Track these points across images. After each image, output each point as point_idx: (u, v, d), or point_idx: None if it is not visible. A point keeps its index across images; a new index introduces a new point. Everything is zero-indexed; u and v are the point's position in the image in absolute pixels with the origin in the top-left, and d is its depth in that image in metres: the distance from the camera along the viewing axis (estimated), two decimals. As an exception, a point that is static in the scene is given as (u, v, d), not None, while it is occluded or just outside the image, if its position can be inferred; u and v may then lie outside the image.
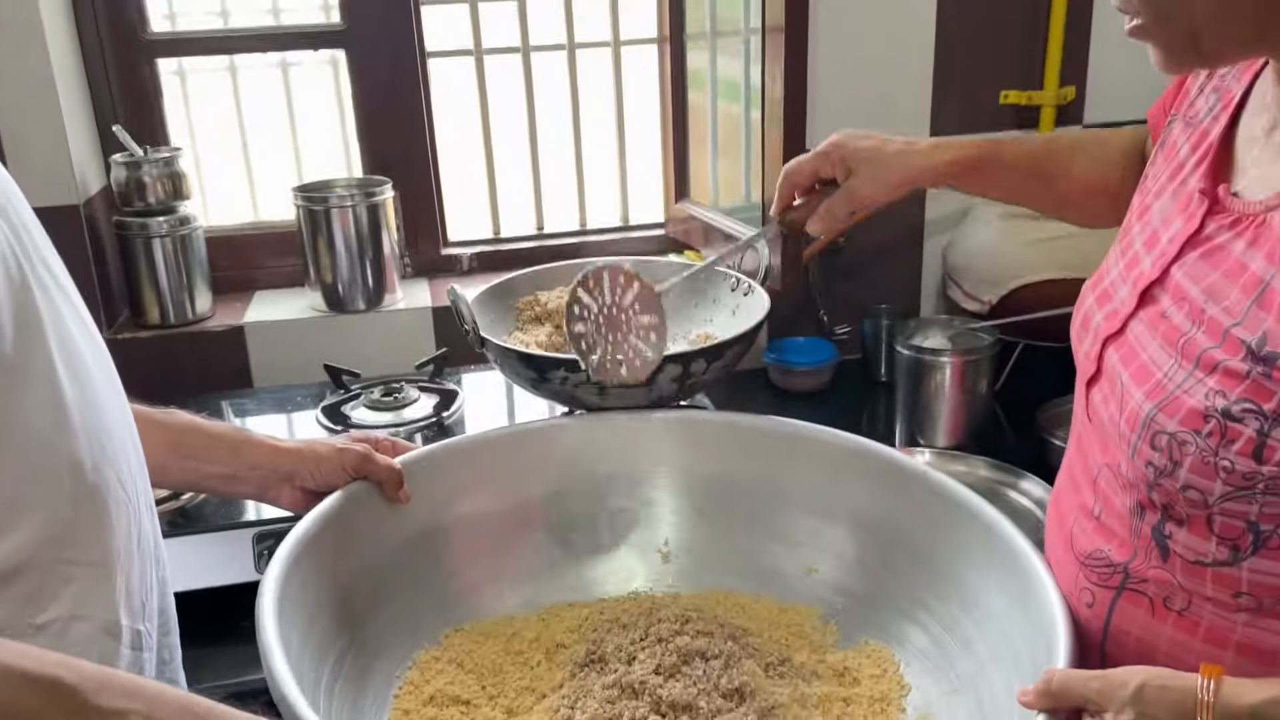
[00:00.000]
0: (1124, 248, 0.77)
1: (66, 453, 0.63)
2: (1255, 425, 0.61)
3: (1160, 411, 0.66)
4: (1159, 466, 0.66)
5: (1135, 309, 0.71)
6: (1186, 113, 0.77)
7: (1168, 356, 0.67)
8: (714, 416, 1.07)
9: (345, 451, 0.92)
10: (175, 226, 1.52)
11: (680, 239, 1.81)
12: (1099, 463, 0.74)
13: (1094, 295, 0.78)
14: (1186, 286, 0.68)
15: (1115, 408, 0.70)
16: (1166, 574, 0.69)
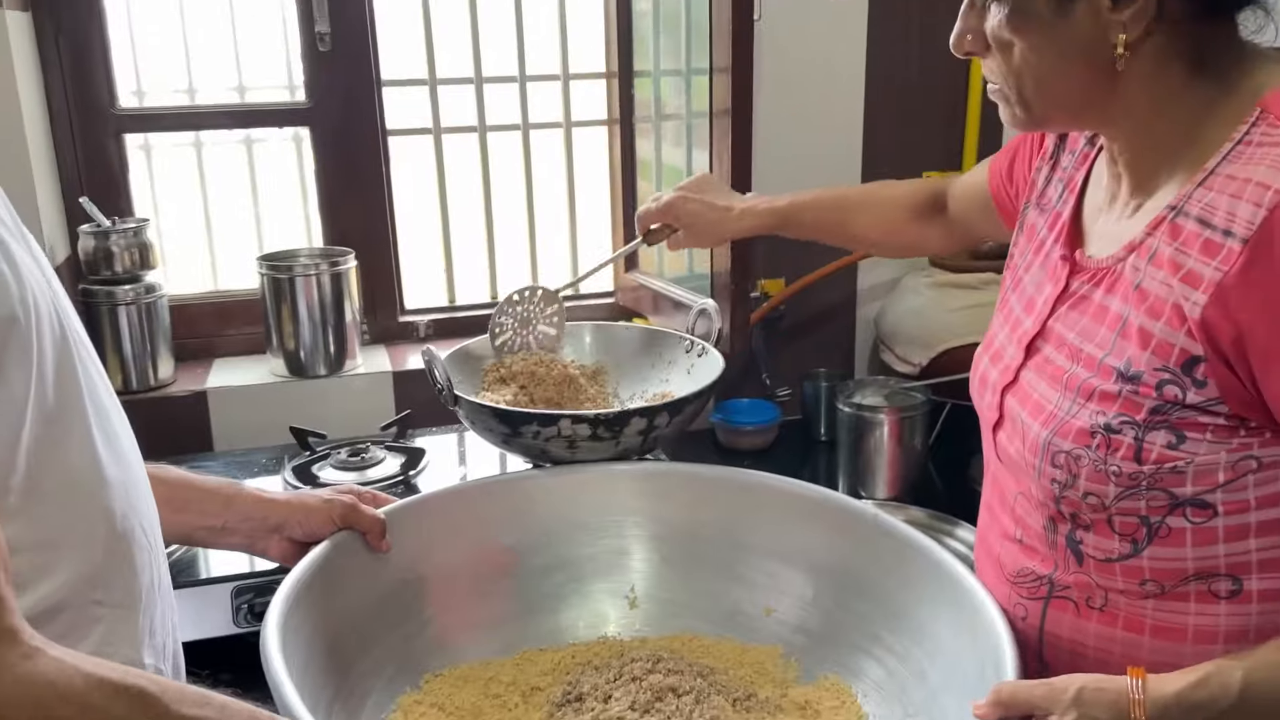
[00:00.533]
0: (1005, 315, 0.91)
1: (100, 500, 0.67)
2: (1132, 433, 0.73)
3: (1055, 435, 0.78)
4: (1061, 481, 0.78)
5: (1024, 360, 0.84)
6: (1039, 201, 0.92)
7: (1055, 392, 0.79)
8: (677, 467, 1.15)
9: (333, 502, 0.97)
10: (141, 295, 1.56)
11: (630, 306, 1.90)
12: (1013, 492, 0.85)
13: (987, 356, 0.91)
14: (1063, 333, 0.81)
15: (1019, 442, 0.82)
16: (1084, 576, 0.80)
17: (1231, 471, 0.72)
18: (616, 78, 1.85)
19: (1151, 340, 0.72)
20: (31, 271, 0.65)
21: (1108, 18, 0.72)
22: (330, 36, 1.65)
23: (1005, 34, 0.76)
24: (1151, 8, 0.71)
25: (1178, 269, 0.71)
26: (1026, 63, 0.76)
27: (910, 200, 1.17)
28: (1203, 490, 0.73)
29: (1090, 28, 0.72)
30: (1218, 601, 0.75)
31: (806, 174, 1.73)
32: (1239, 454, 0.71)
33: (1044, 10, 0.73)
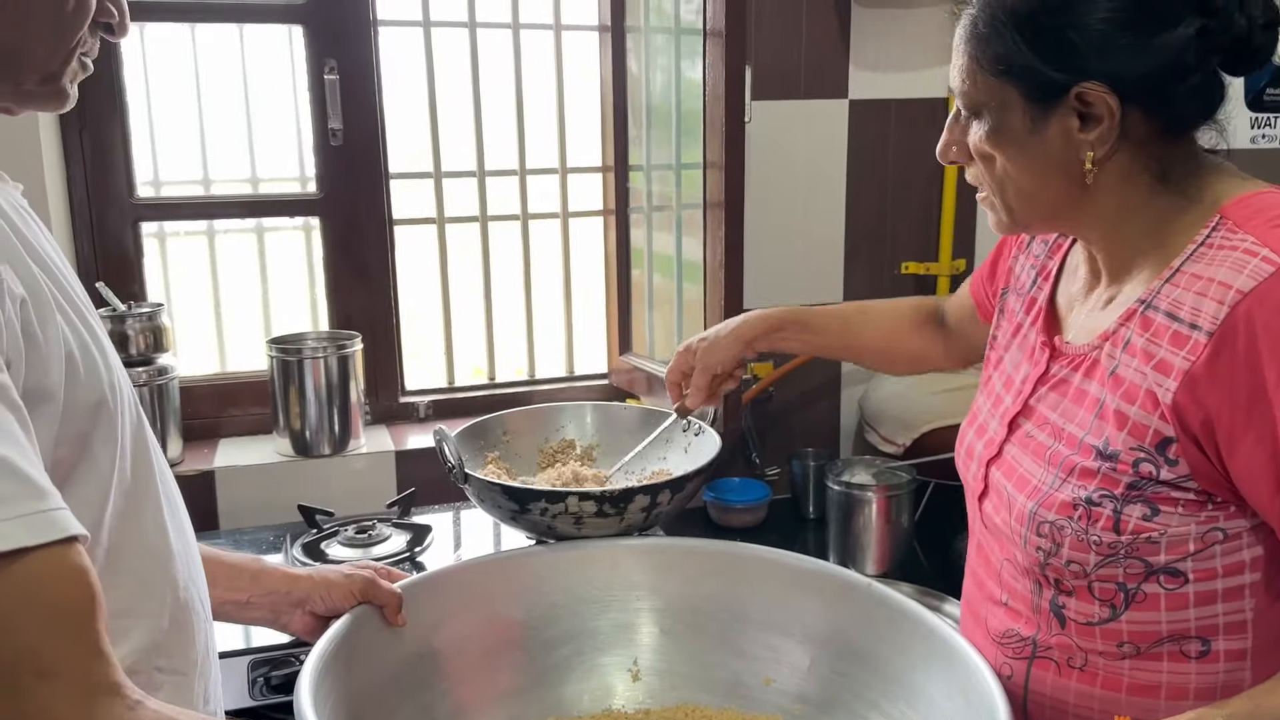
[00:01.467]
0: (988, 393, 0.99)
1: (168, 571, 0.72)
2: (1111, 506, 0.80)
3: (1040, 507, 0.85)
4: (1046, 549, 0.85)
5: (1007, 436, 0.91)
6: (1014, 286, 1.01)
7: (1039, 466, 0.87)
8: (678, 542, 1.20)
9: (353, 577, 1.01)
10: (154, 376, 1.61)
11: (624, 387, 1.97)
12: (999, 559, 0.92)
13: (972, 430, 0.99)
14: (1045, 413, 0.89)
15: (1005, 512, 0.89)
16: (1065, 638, 0.86)
17: (1200, 542, 0.79)
18: (612, 171, 1.96)
19: (1127, 422, 0.79)
20: (115, 359, 0.71)
21: (1077, 137, 0.80)
22: (342, 132, 1.74)
23: (986, 148, 0.84)
24: (1115, 129, 0.79)
25: (1150, 358, 0.78)
26: (1007, 174, 0.84)
27: (912, 312, 1.23)
28: (1175, 559, 0.79)
29: (1062, 145, 0.81)
30: (1188, 661, 0.81)
31: (792, 262, 1.84)
32: (1206, 526, 0.78)
33: (1020, 128, 0.82)
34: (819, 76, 1.79)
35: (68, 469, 0.63)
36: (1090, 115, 0.79)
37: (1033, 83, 0.80)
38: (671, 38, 1.73)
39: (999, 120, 0.83)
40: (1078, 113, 0.80)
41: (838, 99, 1.81)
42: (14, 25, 0.66)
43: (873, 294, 1.89)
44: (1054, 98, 0.80)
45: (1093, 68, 0.78)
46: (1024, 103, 0.81)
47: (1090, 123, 0.80)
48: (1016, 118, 0.82)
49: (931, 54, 1.81)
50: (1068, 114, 0.80)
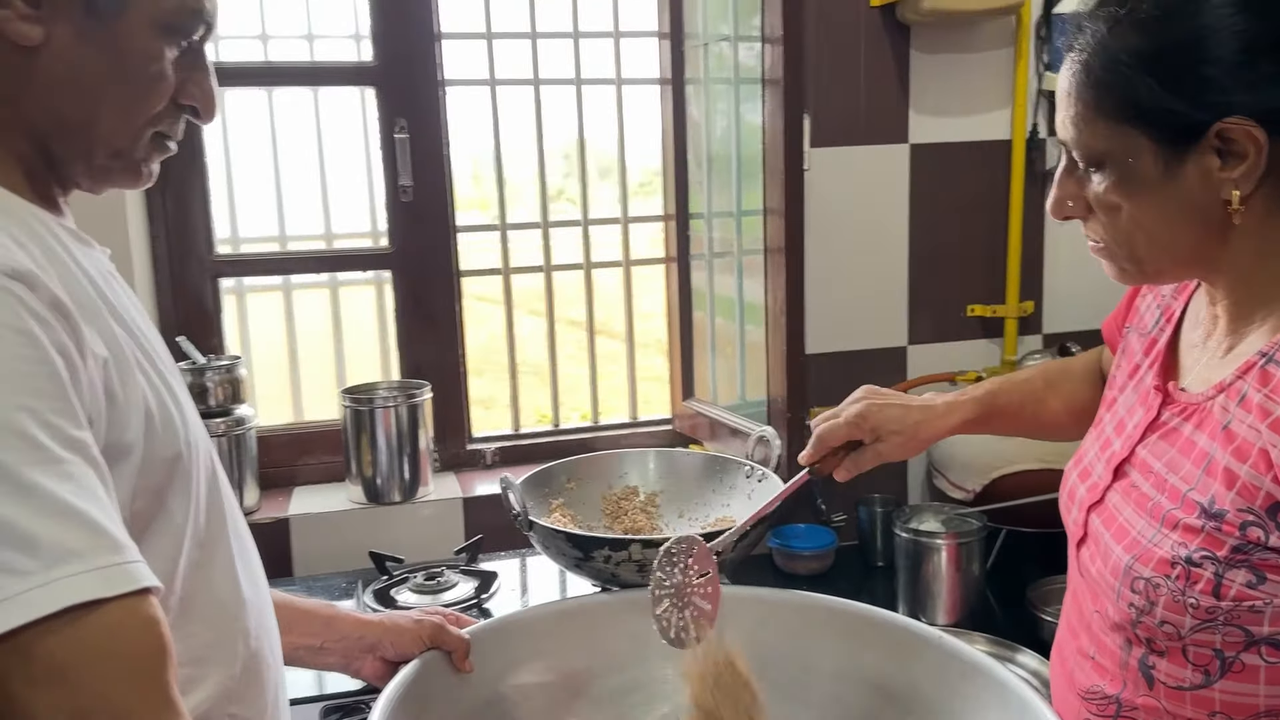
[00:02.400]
0: (1098, 434, 0.95)
1: (240, 620, 0.75)
2: (1212, 569, 0.76)
3: (1137, 561, 0.81)
4: (1139, 607, 0.80)
5: (1111, 482, 0.88)
6: (1138, 325, 0.97)
7: (1140, 518, 0.83)
8: (743, 591, 1.19)
9: (423, 623, 1.03)
10: (232, 427, 1.66)
11: (687, 433, 1.97)
12: (1090, 610, 0.89)
13: (1076, 472, 0.95)
14: (1151, 462, 0.85)
15: (1101, 562, 0.86)
16: (1153, 700, 0.82)
17: None
18: (674, 219, 1.98)
19: (1237, 481, 0.75)
20: (192, 413, 0.74)
21: (1218, 177, 0.75)
22: (412, 189, 1.80)
23: (1113, 198, 0.79)
24: (1263, 163, 0.74)
25: (1266, 415, 0.74)
26: (1136, 223, 0.79)
27: (1088, 372, 1.13)
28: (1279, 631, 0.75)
29: (1201, 187, 0.76)
30: None
31: (856, 306, 1.83)
32: None
33: (1152, 174, 0.77)
34: (879, 122, 1.79)
35: (144, 521, 0.66)
36: (1232, 152, 0.75)
37: (1167, 125, 0.76)
38: (731, 87, 1.76)
39: (1126, 168, 0.78)
40: (1217, 150, 0.75)
41: (898, 144, 1.81)
42: (86, 100, 0.70)
43: (938, 338, 1.87)
44: (1190, 139, 0.75)
45: (1235, 102, 0.73)
46: (1155, 147, 0.76)
47: (1232, 160, 0.75)
48: (1147, 163, 0.77)
49: (992, 97, 1.81)
50: (1206, 153, 0.75)
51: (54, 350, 0.58)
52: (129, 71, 0.71)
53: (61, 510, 0.54)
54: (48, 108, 0.69)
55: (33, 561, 0.53)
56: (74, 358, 0.60)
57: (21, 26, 0.66)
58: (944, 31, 1.77)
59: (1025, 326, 1.89)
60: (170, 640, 0.57)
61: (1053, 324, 1.90)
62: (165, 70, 0.72)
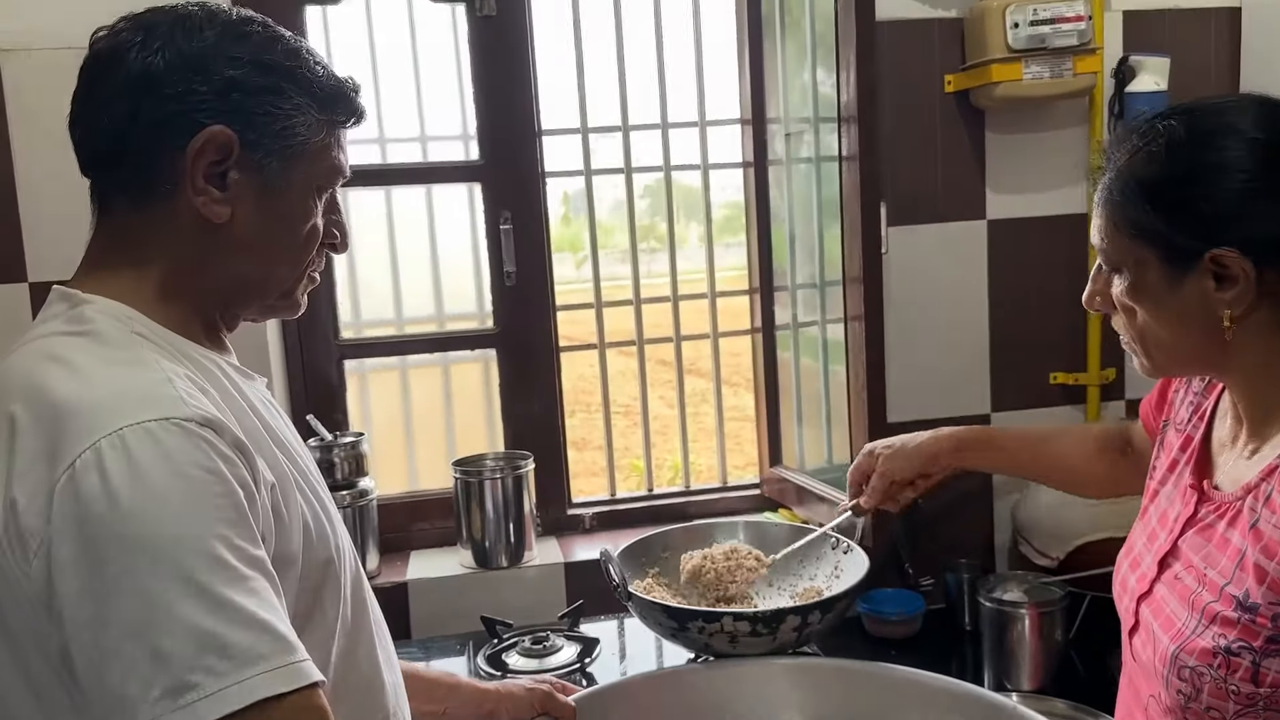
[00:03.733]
0: (1144, 525, 1.02)
1: (380, 699, 0.86)
2: (1249, 658, 0.82)
3: (1182, 651, 0.87)
4: (1186, 694, 0.87)
5: (1158, 574, 0.95)
6: (1174, 419, 1.04)
7: (1184, 609, 0.89)
8: (828, 662, 1.27)
9: (534, 691, 1.14)
10: (356, 498, 1.82)
11: (774, 498, 2.05)
12: (1145, 694, 0.95)
13: (1127, 562, 1.02)
14: (1190, 556, 0.91)
15: (1151, 650, 0.92)
16: None
17: None
18: (759, 293, 2.08)
19: (1266, 577, 0.81)
20: (339, 520, 0.87)
21: (1214, 297, 0.84)
22: (515, 274, 1.95)
23: (1127, 301, 0.89)
24: (1252, 290, 0.82)
25: None
26: (1146, 325, 0.88)
27: (1102, 435, 1.26)
28: None
29: (1200, 303, 0.85)
30: None
31: (938, 376, 1.89)
32: None
33: (1158, 286, 0.86)
34: (956, 200, 1.87)
35: (303, 619, 0.77)
36: (1226, 276, 0.83)
37: (1166, 248, 0.84)
38: (812, 166, 1.85)
39: (1137, 277, 0.87)
40: (1214, 274, 0.83)
41: (975, 220, 1.88)
42: (263, 260, 0.84)
43: (1022, 405, 1.92)
44: (1188, 261, 0.83)
45: (1225, 235, 0.81)
46: (1160, 264, 0.85)
47: (1226, 283, 0.83)
48: (1154, 276, 0.86)
49: (1066, 173, 1.86)
50: (1204, 275, 0.83)
51: (237, 484, 0.70)
52: (296, 232, 0.85)
53: (249, 621, 0.66)
54: (232, 271, 0.83)
55: (229, 664, 0.64)
56: (251, 488, 0.72)
57: (215, 208, 0.80)
58: (1018, 113, 1.84)
59: (1107, 393, 1.91)
60: None
61: (1135, 389, 1.93)
62: (318, 224, 0.87)
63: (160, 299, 0.81)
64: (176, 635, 0.64)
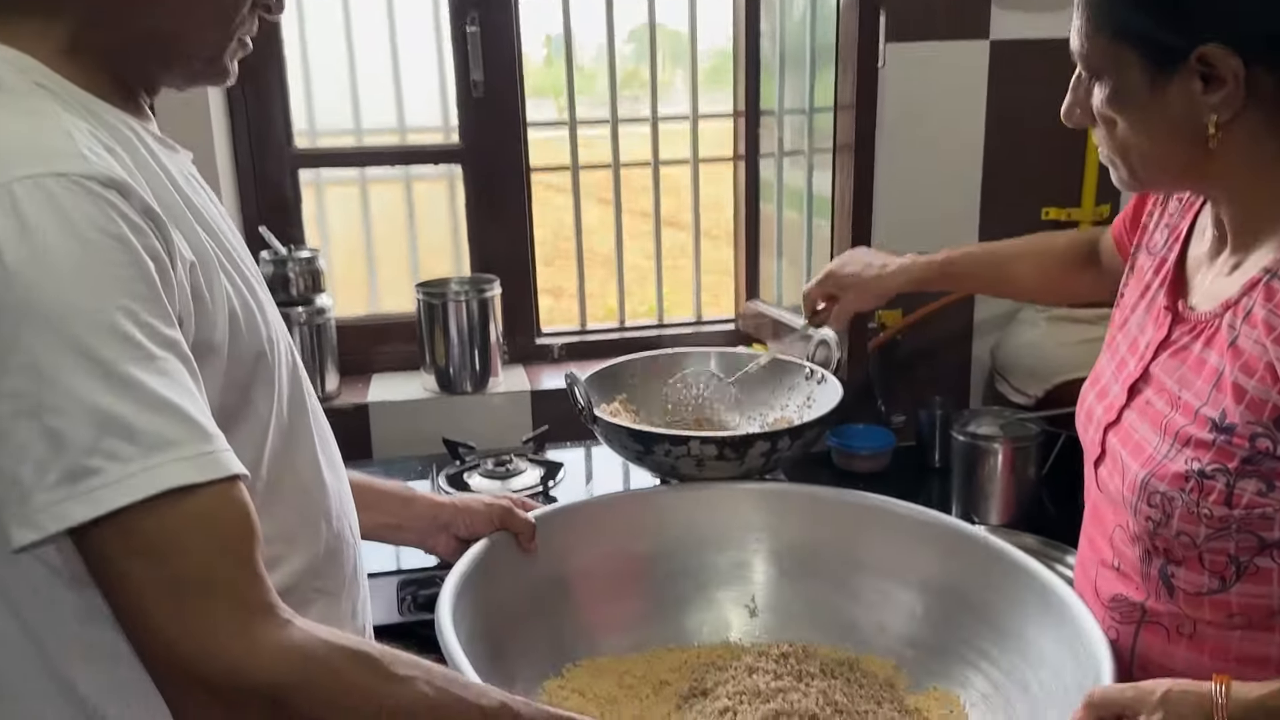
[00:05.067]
0: (1111, 354, 0.97)
1: (321, 503, 0.81)
2: (1224, 480, 0.79)
3: (1152, 477, 0.84)
4: (1155, 520, 0.84)
5: (1126, 401, 0.90)
6: (1147, 244, 0.98)
7: (1154, 435, 0.85)
8: (798, 488, 1.23)
9: (493, 506, 1.09)
10: (313, 316, 1.74)
11: (750, 333, 2.00)
12: (1112, 524, 0.92)
13: (1093, 392, 0.97)
14: (1163, 379, 0.87)
15: (1119, 479, 0.89)
16: (1174, 607, 0.86)
17: None
18: (744, 116, 1.96)
19: (1245, 395, 0.77)
20: (273, 312, 0.79)
21: (1200, 100, 0.77)
22: (483, 84, 1.81)
23: (1108, 111, 0.82)
24: (1241, 91, 0.76)
25: (1271, 330, 0.76)
26: (1128, 137, 0.82)
27: (1067, 252, 1.21)
28: None
29: (1184, 108, 0.78)
30: None
31: (926, 207, 1.81)
32: None
33: (1140, 91, 0.79)
34: (959, 16, 1.73)
35: (231, 414, 0.70)
36: (1214, 77, 0.76)
37: (1150, 47, 0.78)
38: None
39: (1118, 84, 0.80)
40: (1201, 74, 0.76)
41: (978, 39, 1.75)
42: (179, 15, 0.73)
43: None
44: (1174, 62, 0.77)
45: (1213, 30, 0.75)
46: (1143, 66, 0.78)
47: (1214, 84, 0.76)
48: (1136, 81, 0.79)
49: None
50: (1190, 77, 0.77)
51: (146, 255, 0.62)
52: None
53: (158, 403, 0.59)
54: (148, 26, 0.72)
55: (133, 449, 0.58)
56: (165, 262, 0.64)
57: None
58: (1033, -81, 1.68)
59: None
60: (257, 522, 0.63)
61: (1130, 229, 1.86)
62: None
63: (69, 52, 0.70)
64: (73, 415, 0.57)
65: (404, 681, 0.63)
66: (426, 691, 0.63)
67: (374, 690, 0.62)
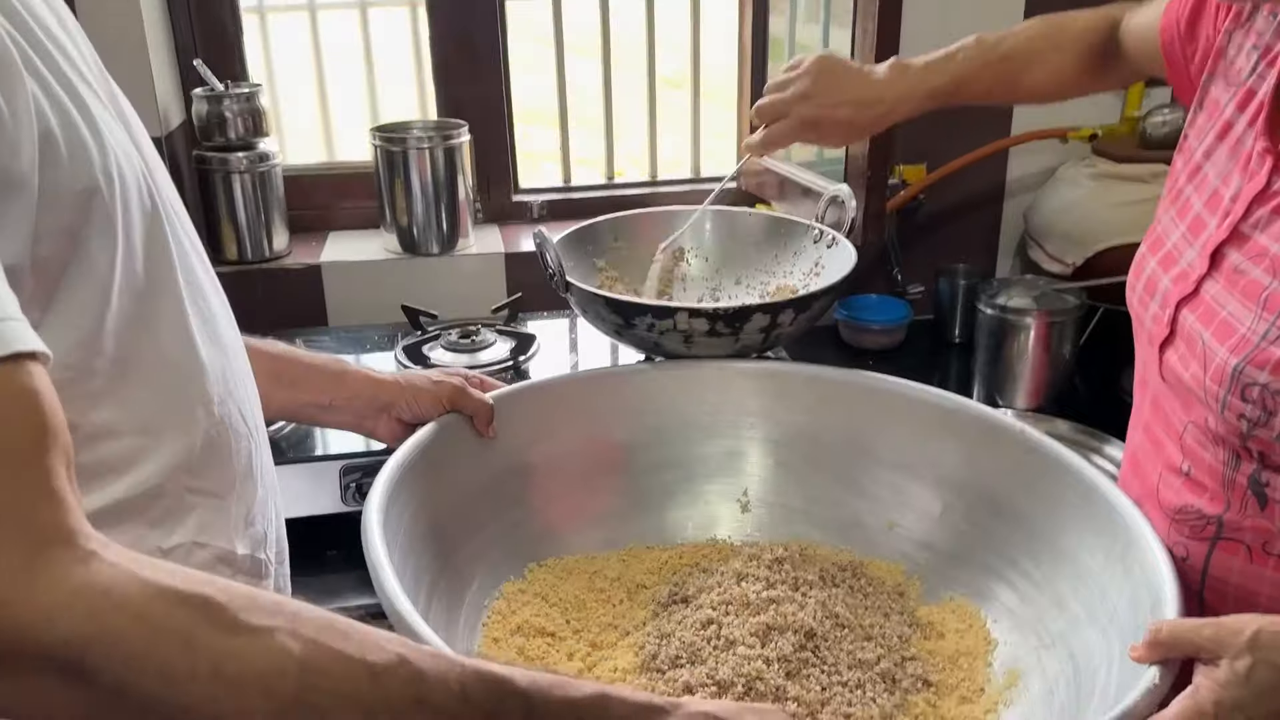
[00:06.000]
0: (1180, 210, 0.77)
1: (197, 386, 0.64)
2: None
3: (1249, 364, 0.66)
4: (1252, 418, 0.67)
5: (1208, 270, 0.72)
6: (1225, 73, 0.77)
7: (1249, 312, 0.67)
8: (800, 369, 1.07)
9: (441, 384, 0.94)
10: (254, 163, 1.54)
11: (754, 192, 1.79)
12: (1183, 421, 0.75)
13: (1155, 259, 0.78)
14: (1264, 242, 0.68)
15: (1198, 367, 0.71)
16: (1264, 522, 0.70)
17: None
18: (751, -61, 1.70)
19: None
20: (119, 139, 0.60)
21: None
22: (448, -107, 1.55)
23: None
24: None
25: None
26: None
27: (1083, 48, 0.99)
28: None
29: None
30: None
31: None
32: None
33: None
34: None
35: (56, 269, 0.53)
36: None
37: None
38: None
39: None
40: None
41: None
42: None
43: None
44: None
45: None
46: None
47: None
48: None
49: None
50: None
51: None
52: None
53: None
54: None
55: None
56: None
57: None
58: None
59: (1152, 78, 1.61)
60: (57, 417, 0.46)
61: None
62: None
63: None
64: None
65: (256, 634, 0.46)
66: (290, 646, 0.46)
67: (210, 646, 0.45)
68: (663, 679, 0.83)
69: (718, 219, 1.36)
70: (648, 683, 0.83)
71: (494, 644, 0.87)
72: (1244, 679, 0.59)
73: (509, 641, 0.87)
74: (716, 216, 1.37)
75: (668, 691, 0.81)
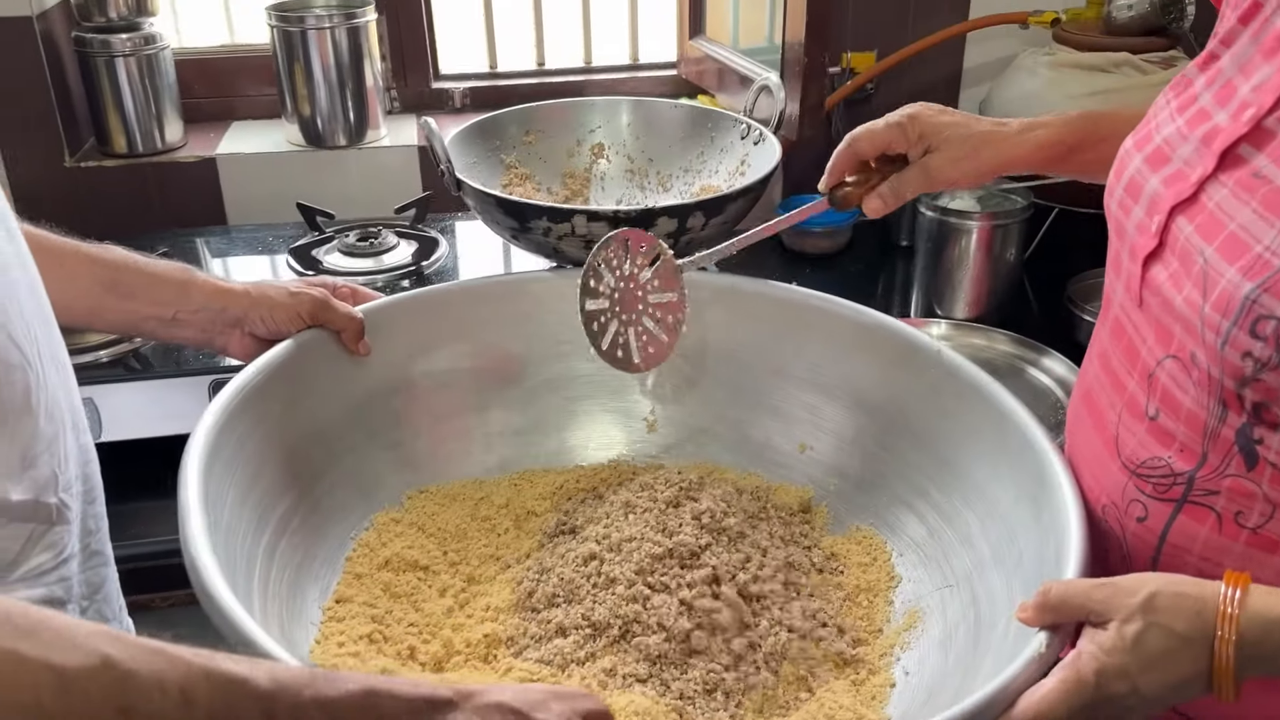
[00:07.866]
0: (1182, 103, 0.65)
1: None
2: None
3: (1264, 291, 0.54)
4: (1261, 358, 0.55)
5: (1213, 171, 0.59)
6: None
7: (1268, 226, 0.55)
8: (713, 278, 0.98)
9: (299, 296, 0.84)
10: (140, 45, 1.40)
11: (693, 81, 1.66)
12: (1159, 353, 0.63)
13: (1142, 155, 0.66)
14: None
15: (1196, 290, 0.59)
16: (1249, 484, 0.59)
17: None
18: None
19: None
20: None
21: None
22: None
23: None
24: None
25: None
26: None
27: None
28: None
29: None
30: None
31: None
32: None
33: None
34: None
35: None
36: None
37: None
38: None
39: None
40: None
41: None
42: None
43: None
44: None
45: None
46: None
47: None
48: None
49: None
50: None
51: None
52: None
53: None
54: None
55: None
56: None
57: None
58: None
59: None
60: None
61: None
62: None
63: None
64: None
65: None
66: None
67: None
68: (535, 619, 0.77)
69: (639, 110, 1.25)
70: (520, 623, 0.77)
71: (357, 579, 0.80)
72: (1130, 644, 0.53)
73: (375, 577, 0.80)
74: (638, 108, 1.25)
75: (540, 634, 0.75)
